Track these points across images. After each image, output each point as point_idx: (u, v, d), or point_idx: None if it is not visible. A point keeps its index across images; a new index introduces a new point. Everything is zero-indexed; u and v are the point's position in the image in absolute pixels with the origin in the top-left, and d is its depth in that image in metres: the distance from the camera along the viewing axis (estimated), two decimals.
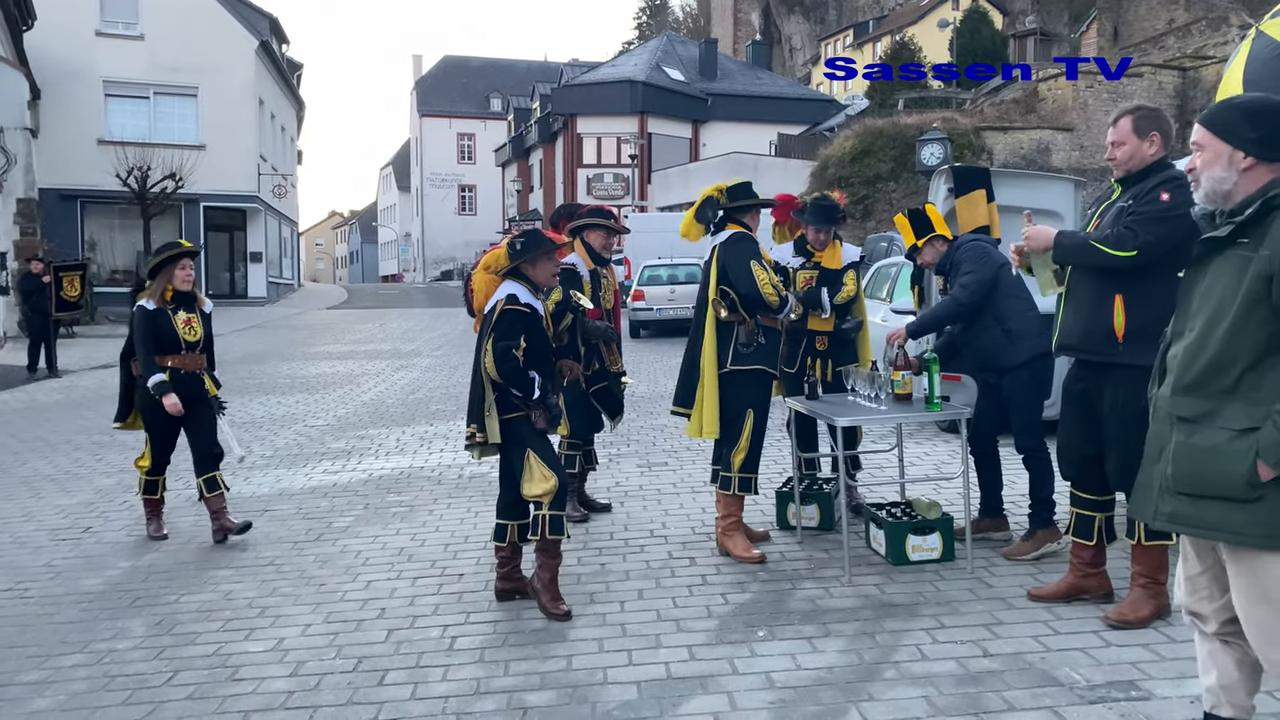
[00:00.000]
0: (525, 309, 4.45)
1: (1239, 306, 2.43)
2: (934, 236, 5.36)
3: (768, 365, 5.25)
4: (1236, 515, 2.44)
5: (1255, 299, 2.42)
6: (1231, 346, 2.45)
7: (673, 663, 3.89)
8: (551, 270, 4.64)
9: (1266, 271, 2.40)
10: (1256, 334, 2.42)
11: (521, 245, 4.53)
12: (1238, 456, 2.42)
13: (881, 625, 4.22)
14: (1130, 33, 36.32)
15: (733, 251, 5.21)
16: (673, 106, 42.55)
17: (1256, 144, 2.52)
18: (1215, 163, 2.57)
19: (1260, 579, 2.47)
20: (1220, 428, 2.46)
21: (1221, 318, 2.47)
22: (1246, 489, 2.41)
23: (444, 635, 4.31)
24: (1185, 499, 2.53)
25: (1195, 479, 2.51)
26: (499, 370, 4.35)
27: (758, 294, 5.07)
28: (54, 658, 4.21)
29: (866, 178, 26.04)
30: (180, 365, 5.94)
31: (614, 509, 6.42)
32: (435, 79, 65.42)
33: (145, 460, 6.16)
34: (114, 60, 28.92)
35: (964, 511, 4.97)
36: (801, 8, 71.66)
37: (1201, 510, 2.50)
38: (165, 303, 5.95)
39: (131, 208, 27.33)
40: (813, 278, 5.90)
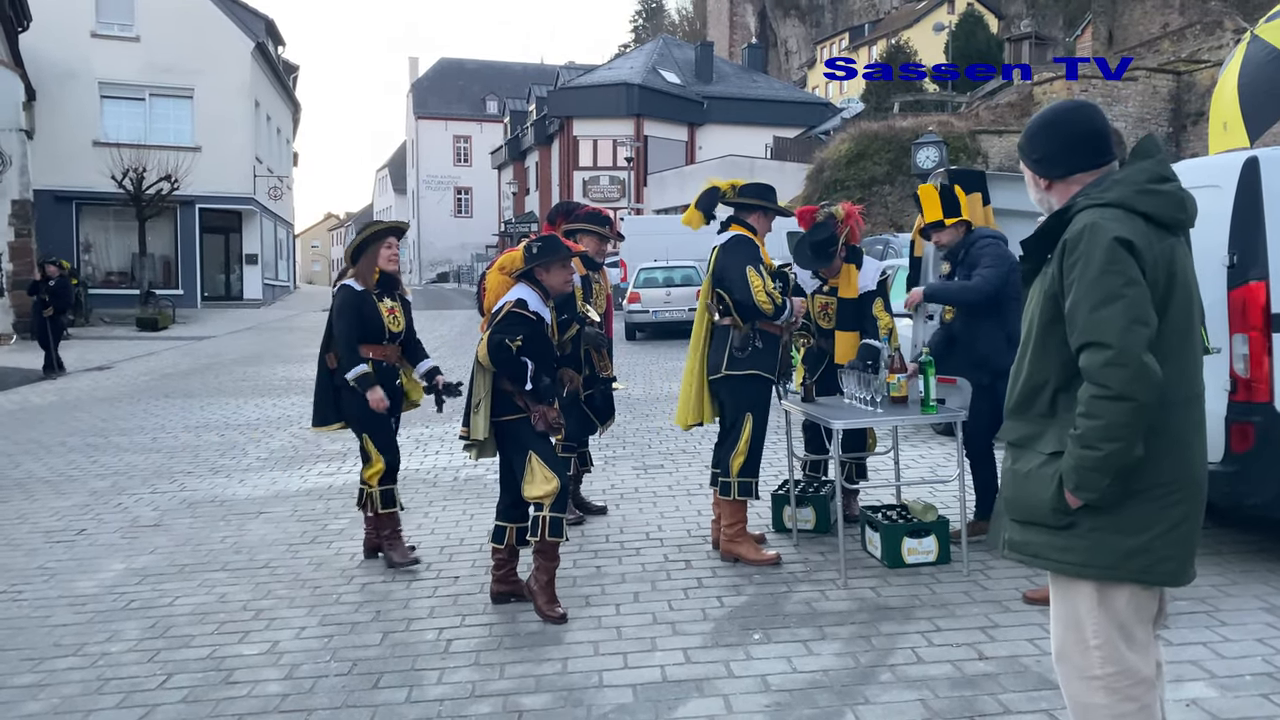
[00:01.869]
0: (531, 315, 4.44)
1: (1038, 327, 2.35)
2: (961, 220, 5.31)
3: (764, 370, 5.17)
4: (1053, 541, 2.35)
5: (1050, 319, 2.32)
6: (1039, 370, 2.36)
7: (668, 666, 3.89)
8: (565, 277, 4.61)
9: (1052, 290, 2.31)
10: (1059, 354, 2.31)
11: (538, 249, 4.52)
12: (1045, 481, 2.32)
13: (877, 628, 4.22)
14: (1125, 36, 36.40)
15: (731, 255, 5.16)
16: (669, 109, 42.58)
17: (1039, 165, 2.46)
18: (1030, 188, 2.53)
19: (1074, 609, 2.37)
20: (1036, 451, 2.37)
21: (1029, 340, 2.41)
22: (1055, 515, 2.32)
23: (439, 638, 4.30)
24: (1016, 526, 2.44)
25: (1019, 505, 2.41)
26: (492, 359, 4.32)
27: (750, 301, 5.02)
28: (47, 661, 4.19)
29: (862, 180, 26.04)
30: (382, 357, 5.35)
31: (609, 511, 6.42)
32: (431, 81, 65.42)
33: (376, 466, 5.38)
34: (109, 61, 28.86)
35: (960, 514, 4.97)
36: (797, 11, 71.78)
37: (1027, 537, 2.41)
38: (372, 287, 5.35)
39: (126, 209, 27.26)
40: (829, 305, 5.71)
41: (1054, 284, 2.31)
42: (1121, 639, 2.33)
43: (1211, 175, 4.77)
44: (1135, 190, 2.28)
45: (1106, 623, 2.33)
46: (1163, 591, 2.44)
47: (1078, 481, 2.25)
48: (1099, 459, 2.20)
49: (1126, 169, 2.35)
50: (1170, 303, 2.27)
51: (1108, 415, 2.17)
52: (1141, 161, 2.34)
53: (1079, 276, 2.23)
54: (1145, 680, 2.35)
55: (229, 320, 26.82)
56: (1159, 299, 2.24)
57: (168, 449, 9.28)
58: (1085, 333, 2.21)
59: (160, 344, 20.91)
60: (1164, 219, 2.29)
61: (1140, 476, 2.26)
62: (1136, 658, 2.34)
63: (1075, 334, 2.24)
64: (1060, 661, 2.44)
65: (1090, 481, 2.23)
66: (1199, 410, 2.36)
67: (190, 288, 30.41)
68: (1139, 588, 2.32)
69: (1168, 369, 2.22)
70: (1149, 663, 2.37)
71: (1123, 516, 2.28)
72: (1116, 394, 2.16)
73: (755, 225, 5.26)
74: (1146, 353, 2.17)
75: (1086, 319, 2.20)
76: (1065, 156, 2.42)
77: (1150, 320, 2.20)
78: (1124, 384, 2.16)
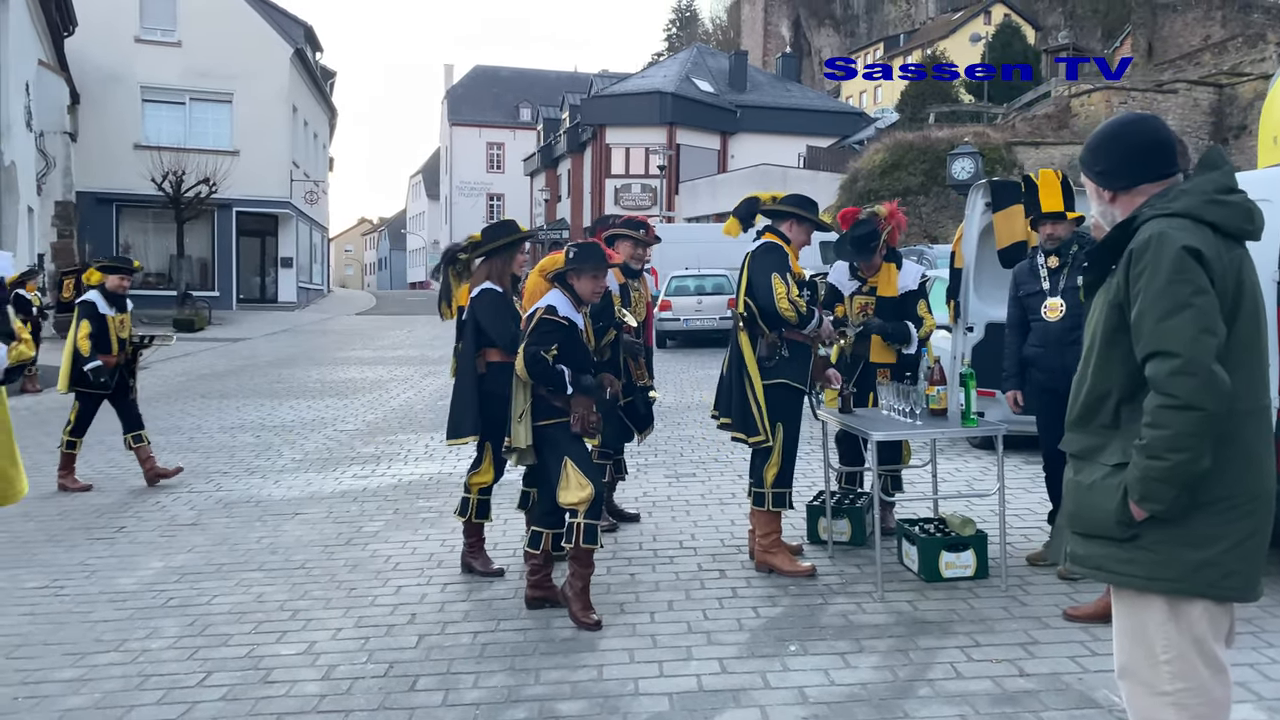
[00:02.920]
0: (563, 321, 4.45)
1: (1102, 338, 2.34)
2: (1078, 216, 5.10)
3: (790, 379, 5.11)
4: (1117, 554, 2.31)
5: (1114, 328, 2.31)
6: (1102, 380, 2.34)
7: (704, 675, 3.87)
8: (593, 287, 4.61)
9: (1117, 299, 2.30)
10: (1124, 366, 2.29)
11: (574, 255, 4.53)
12: (1109, 493, 2.30)
13: (915, 642, 4.18)
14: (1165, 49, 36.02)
15: (758, 261, 5.14)
16: (701, 118, 42.61)
17: (1102, 177, 2.44)
18: (1093, 200, 2.51)
19: (1141, 623, 2.33)
20: (1100, 463, 2.35)
21: (1092, 351, 2.39)
22: (1119, 527, 2.29)
23: (474, 641, 4.31)
24: (1079, 539, 2.41)
25: (1081, 518, 2.39)
26: (529, 372, 4.37)
27: (773, 307, 4.97)
28: (89, 656, 4.24)
29: (896, 191, 25.90)
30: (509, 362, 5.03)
31: (642, 519, 6.41)
32: (466, 89, 65.88)
33: (485, 476, 5.24)
34: (152, 66, 29.34)
35: (999, 529, 4.91)
36: (832, 21, 71.67)
37: (1090, 550, 2.37)
38: (510, 290, 5.12)
39: (165, 212, 27.67)
40: (869, 305, 5.69)
41: (1119, 294, 2.29)
42: (1198, 655, 2.28)
43: (1262, 189, 4.69)
44: (1203, 200, 2.25)
45: (1179, 638, 2.28)
46: (1232, 608, 2.40)
47: (1143, 493, 2.22)
48: (1165, 470, 2.17)
49: (1193, 179, 2.32)
50: (1239, 313, 2.24)
51: (1175, 425, 2.14)
52: (1209, 173, 2.31)
53: (1145, 286, 2.21)
54: (1218, 702, 2.30)
55: (264, 322, 27.10)
56: (1227, 309, 2.21)
57: (204, 449, 9.38)
58: (1152, 342, 2.18)
59: (196, 345, 21.15)
60: (1231, 229, 2.26)
61: (1208, 488, 2.22)
62: (1211, 676, 2.29)
63: (1142, 343, 2.22)
64: (1124, 677, 2.40)
65: (1156, 493, 2.20)
66: (1267, 422, 2.32)
67: (226, 290, 30.79)
68: (1211, 602, 2.28)
69: (1235, 379, 2.19)
70: (1224, 684, 2.32)
71: (1189, 529, 2.24)
72: (1184, 403, 2.13)
73: (791, 235, 5.22)
74: (1215, 362, 2.14)
75: (1154, 328, 2.18)
76: (1130, 168, 2.39)
77: (1219, 330, 2.17)
78: (1192, 393, 2.13)
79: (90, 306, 7.66)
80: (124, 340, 7.85)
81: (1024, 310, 5.19)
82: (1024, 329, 5.20)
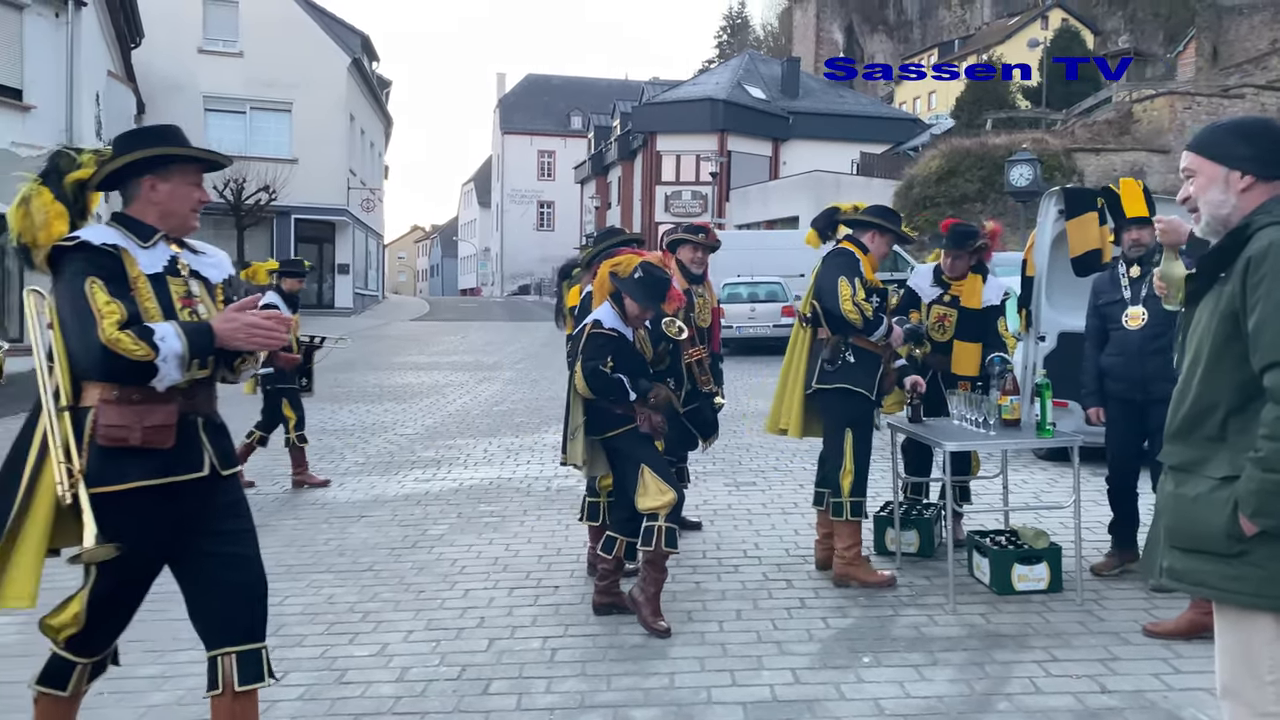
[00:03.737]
0: (611, 333, 4.49)
1: (1211, 348, 2.26)
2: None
3: (854, 385, 5.06)
4: (1223, 570, 2.23)
5: (1225, 338, 2.24)
6: (1210, 391, 2.27)
7: (777, 685, 3.84)
8: (640, 315, 4.63)
9: (1230, 309, 2.23)
10: (1234, 376, 2.23)
11: (637, 279, 4.53)
12: (1217, 507, 2.22)
13: (990, 656, 4.11)
14: (1231, 53, 35.20)
15: (828, 266, 5.12)
16: (753, 125, 42.47)
17: (1253, 161, 2.35)
18: (1210, 187, 2.41)
19: (1247, 641, 2.25)
20: (1205, 476, 2.27)
21: (1199, 361, 2.30)
22: (1227, 542, 2.21)
23: (544, 646, 4.32)
24: (1178, 553, 2.33)
25: (1182, 532, 2.32)
26: (590, 387, 4.44)
27: (838, 310, 4.94)
28: (168, 653, 4.33)
29: (953, 198, 25.63)
30: None
31: (704, 528, 6.39)
32: (518, 97, 66.41)
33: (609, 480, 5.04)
34: (214, 76, 30.00)
35: (1075, 542, 4.82)
36: (885, 27, 71.13)
37: (1192, 565, 2.30)
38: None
39: (225, 219, 28.22)
40: (948, 316, 5.65)
41: (1232, 303, 2.23)
42: None
43: None
44: None
45: None
46: None
47: (1256, 507, 2.15)
48: None
49: None
50: None
51: None
52: None
53: (1265, 294, 2.15)
54: None
55: (320, 328, 27.38)
56: None
57: (269, 450, 9.46)
58: (1273, 352, 2.12)
59: None
60: None
61: None
62: None
63: (1260, 353, 2.16)
64: (1227, 697, 2.33)
65: (1272, 507, 2.13)
66: None
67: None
68: None
69: None
70: None
71: None
72: None
73: (871, 246, 5.18)
74: None
75: (1275, 338, 2.12)
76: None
77: None
78: None
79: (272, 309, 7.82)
80: (299, 341, 8.03)
81: (1103, 320, 5.10)
82: (1102, 341, 5.11)
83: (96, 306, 2.60)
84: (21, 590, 2.72)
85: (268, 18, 30.34)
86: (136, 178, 2.83)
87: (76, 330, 2.62)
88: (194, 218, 2.97)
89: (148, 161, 2.81)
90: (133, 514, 2.71)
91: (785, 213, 33.22)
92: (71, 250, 2.69)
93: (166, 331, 2.64)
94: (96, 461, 2.67)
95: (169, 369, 2.63)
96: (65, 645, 2.90)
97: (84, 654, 2.94)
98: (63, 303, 2.68)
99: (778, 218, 34.10)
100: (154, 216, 2.87)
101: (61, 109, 17.35)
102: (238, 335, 2.73)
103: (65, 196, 2.76)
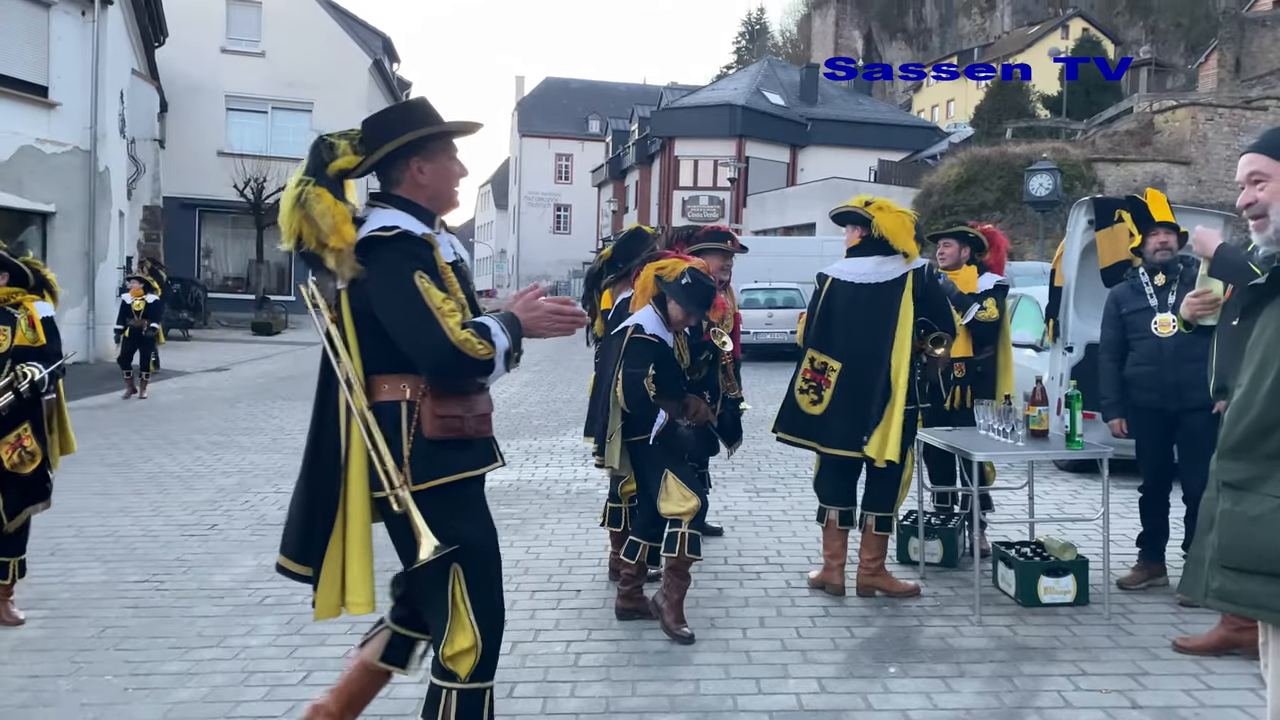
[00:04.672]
0: (652, 339, 4.47)
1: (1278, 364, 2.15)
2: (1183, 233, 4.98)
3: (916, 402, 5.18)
4: None
5: None
6: (1275, 407, 2.16)
7: (803, 694, 3.82)
8: (681, 320, 4.60)
9: None
10: None
11: (684, 283, 4.50)
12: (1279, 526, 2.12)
13: (1018, 668, 4.08)
14: (1254, 64, 34.96)
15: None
16: (771, 131, 42.42)
17: None
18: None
19: None
20: (1267, 494, 2.16)
21: (1265, 375, 2.19)
22: None
23: (568, 651, 4.31)
24: (1231, 573, 2.22)
25: (1240, 551, 2.20)
26: (626, 398, 4.42)
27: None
28: (192, 650, 4.33)
29: (971, 207, 25.51)
30: None
31: (725, 533, 6.37)
32: (536, 100, 66.56)
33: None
34: (236, 76, 30.14)
35: (1103, 555, 4.78)
36: (904, 35, 71.00)
37: (1248, 586, 2.19)
38: None
39: (244, 217, 28.38)
40: None
41: None
42: None
43: None
44: None
45: None
46: None
47: None
48: None
49: None
50: None
51: None
52: None
53: None
54: None
55: None
56: None
57: (288, 450, 9.55)
58: None
59: (274, 348, 21.67)
60: None
61: None
62: None
63: None
64: None
65: None
66: None
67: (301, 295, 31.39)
68: None
69: None
70: None
71: None
72: None
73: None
74: None
75: None
76: None
77: None
78: None
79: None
80: None
81: (1123, 331, 5.07)
82: (1122, 352, 5.08)
83: (434, 304, 2.50)
84: (361, 596, 2.68)
85: (290, 18, 30.49)
86: (401, 160, 2.72)
87: (411, 328, 2.50)
88: (458, 195, 2.86)
89: (410, 143, 2.69)
90: (460, 506, 2.64)
91: (802, 219, 33.16)
92: (392, 241, 2.57)
93: (494, 326, 2.55)
94: (423, 455, 2.58)
95: (500, 365, 2.54)
96: (471, 677, 2.69)
97: (488, 677, 2.74)
98: (386, 298, 2.55)
99: (795, 224, 34.05)
100: (424, 199, 2.75)
101: (86, 106, 17.48)
102: (541, 324, 2.63)
103: (340, 192, 2.65)
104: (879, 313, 4.93)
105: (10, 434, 4.53)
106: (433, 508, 2.56)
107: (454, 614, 2.64)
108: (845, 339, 5.01)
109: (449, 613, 2.65)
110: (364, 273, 2.60)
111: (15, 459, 4.53)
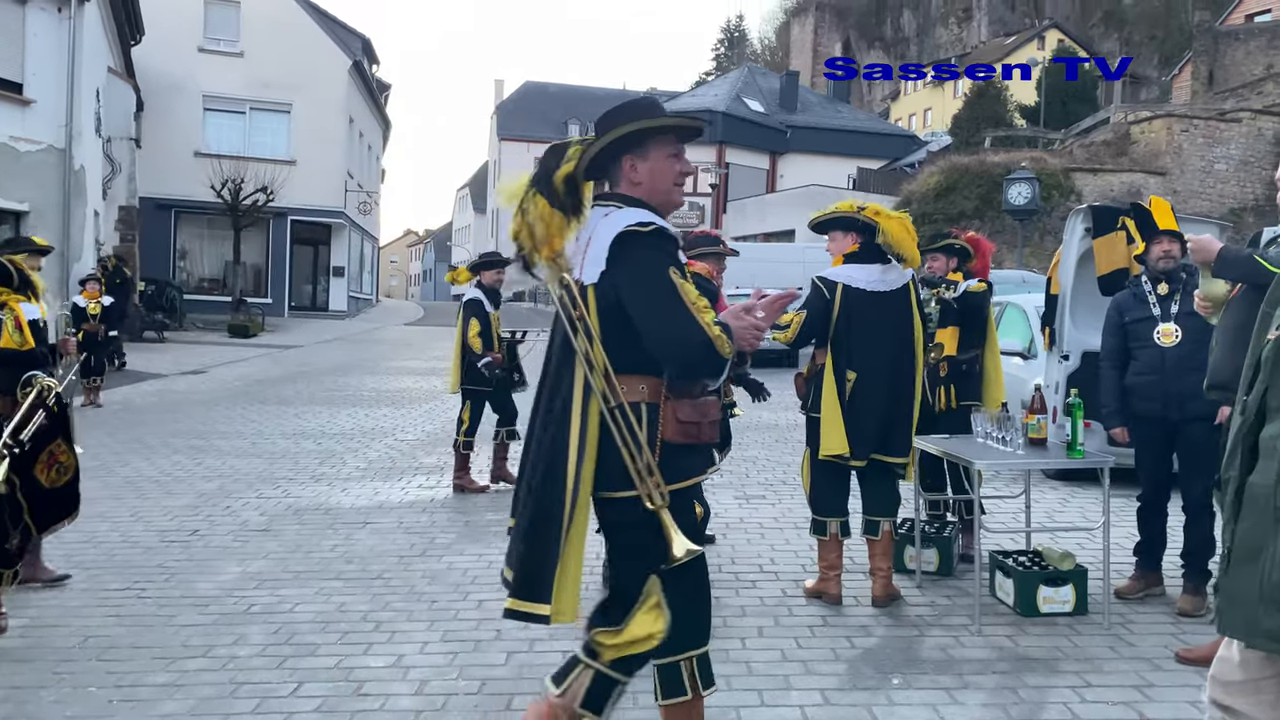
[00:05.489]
0: None
1: None
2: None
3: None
4: None
5: None
6: None
7: (807, 706, 3.76)
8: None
9: None
10: None
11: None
12: None
13: (1021, 679, 4.03)
14: (1227, 77, 35.41)
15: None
16: (751, 137, 42.53)
17: None
18: None
19: None
20: None
21: None
22: None
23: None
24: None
25: None
26: None
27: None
28: (178, 661, 4.21)
29: (950, 215, 25.62)
30: None
31: (717, 541, 6.30)
32: (515, 104, 66.36)
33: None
34: (214, 75, 29.83)
35: (1103, 564, 4.75)
36: (882, 43, 71.39)
37: None
38: None
39: (221, 218, 28.08)
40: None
41: None
42: None
43: None
44: None
45: None
46: None
47: None
48: None
49: None
50: None
51: None
52: None
53: None
54: None
55: (315, 330, 27.35)
56: None
57: (268, 454, 9.41)
58: None
59: (250, 351, 21.40)
60: None
61: None
62: None
63: None
64: None
65: None
66: None
67: (279, 297, 31.13)
68: None
69: None
70: None
71: None
72: None
73: None
74: None
75: None
76: None
77: None
78: None
79: (477, 305, 7.75)
80: (499, 337, 7.89)
81: (1124, 339, 5.05)
82: (1123, 360, 5.05)
83: (690, 299, 2.49)
84: (568, 606, 2.66)
85: (269, 18, 30.22)
86: (616, 159, 2.71)
87: (668, 322, 2.49)
88: (679, 193, 2.83)
89: (623, 141, 2.66)
90: (684, 510, 2.65)
91: (782, 226, 33.23)
92: (647, 236, 2.58)
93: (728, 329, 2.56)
94: (667, 458, 2.58)
95: (726, 367, 2.57)
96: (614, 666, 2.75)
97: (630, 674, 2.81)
98: (642, 292, 2.53)
99: (774, 231, 34.11)
100: (643, 196, 2.73)
101: (62, 104, 17.22)
102: (746, 337, 2.63)
103: (558, 197, 2.63)
104: (899, 320, 4.89)
105: (43, 451, 4.40)
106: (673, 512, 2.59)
107: (643, 606, 2.65)
108: (865, 347, 4.85)
109: (637, 603, 2.65)
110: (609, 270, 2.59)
111: (54, 475, 4.41)
